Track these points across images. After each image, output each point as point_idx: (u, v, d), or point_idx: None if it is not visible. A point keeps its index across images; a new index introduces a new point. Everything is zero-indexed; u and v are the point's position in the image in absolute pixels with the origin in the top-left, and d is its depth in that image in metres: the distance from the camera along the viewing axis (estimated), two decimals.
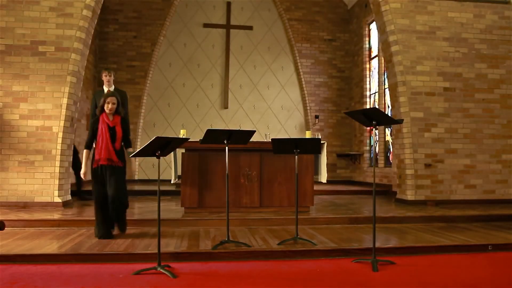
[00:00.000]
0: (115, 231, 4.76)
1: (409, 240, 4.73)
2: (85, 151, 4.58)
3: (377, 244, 3.91)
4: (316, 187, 6.53)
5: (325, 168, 6.25)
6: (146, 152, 3.58)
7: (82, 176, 4.69)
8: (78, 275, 3.43)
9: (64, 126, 6.46)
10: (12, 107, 6.43)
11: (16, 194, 6.34)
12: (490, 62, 7.57)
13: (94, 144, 4.61)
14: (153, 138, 3.53)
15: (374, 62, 11.13)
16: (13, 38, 6.46)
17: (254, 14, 12.08)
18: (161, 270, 3.43)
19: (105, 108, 4.47)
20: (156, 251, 3.62)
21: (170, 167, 10.50)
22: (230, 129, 4.60)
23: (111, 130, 4.45)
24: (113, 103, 4.47)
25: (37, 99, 6.45)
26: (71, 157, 6.91)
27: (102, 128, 4.43)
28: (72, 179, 7.18)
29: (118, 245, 4.24)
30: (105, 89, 5.57)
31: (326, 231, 5.08)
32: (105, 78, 5.64)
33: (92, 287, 3.17)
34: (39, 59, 6.48)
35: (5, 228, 3.82)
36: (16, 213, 5.67)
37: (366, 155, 11.20)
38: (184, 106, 11.61)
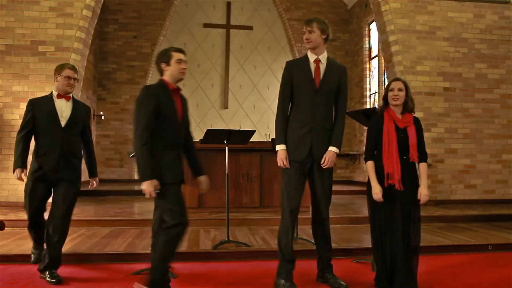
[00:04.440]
0: None
1: None
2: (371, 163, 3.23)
3: None
4: None
5: None
6: None
7: None
8: (78, 275, 3.44)
9: None
10: (12, 107, 6.43)
11: (16, 194, 6.32)
12: (490, 62, 7.56)
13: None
14: None
15: (374, 62, 11.12)
16: (13, 38, 6.46)
17: (254, 14, 12.08)
18: None
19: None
20: None
21: None
22: (230, 129, 4.59)
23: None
24: None
25: None
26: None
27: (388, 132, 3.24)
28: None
29: (118, 245, 4.25)
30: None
31: None
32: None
33: (92, 287, 3.18)
34: (39, 59, 6.47)
35: (5, 228, 3.82)
36: (16, 213, 5.67)
37: None
38: None
